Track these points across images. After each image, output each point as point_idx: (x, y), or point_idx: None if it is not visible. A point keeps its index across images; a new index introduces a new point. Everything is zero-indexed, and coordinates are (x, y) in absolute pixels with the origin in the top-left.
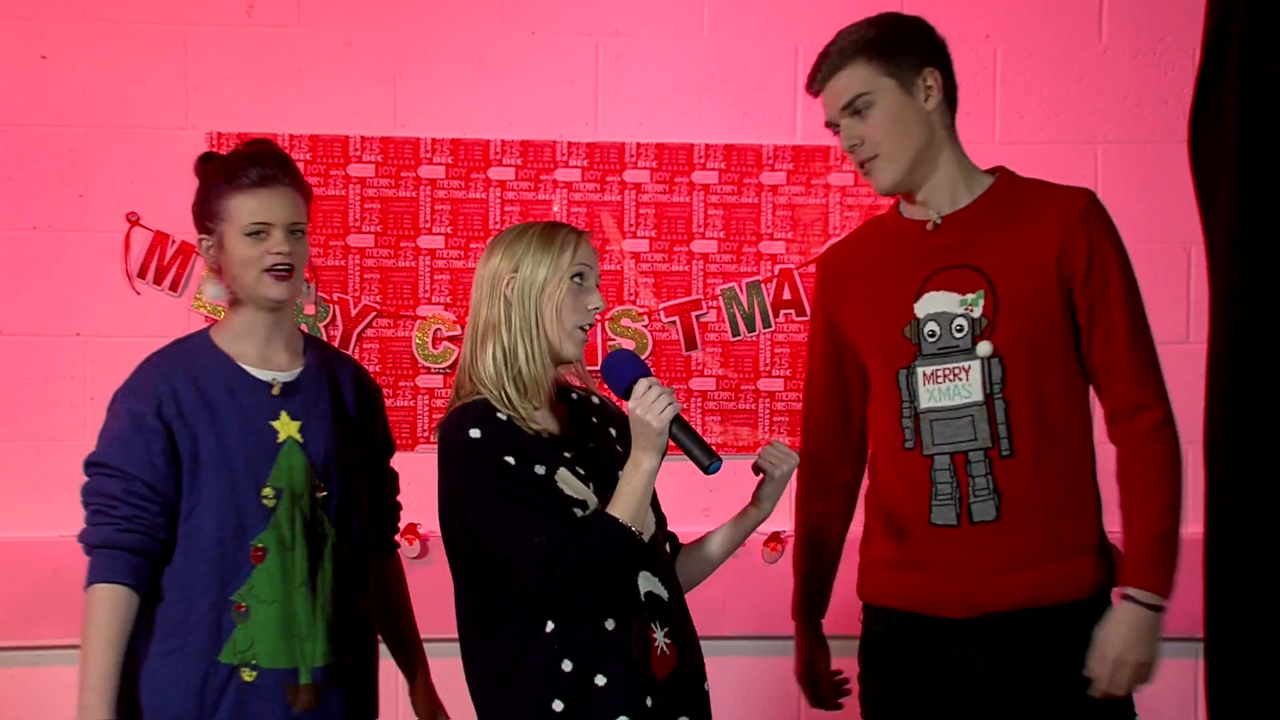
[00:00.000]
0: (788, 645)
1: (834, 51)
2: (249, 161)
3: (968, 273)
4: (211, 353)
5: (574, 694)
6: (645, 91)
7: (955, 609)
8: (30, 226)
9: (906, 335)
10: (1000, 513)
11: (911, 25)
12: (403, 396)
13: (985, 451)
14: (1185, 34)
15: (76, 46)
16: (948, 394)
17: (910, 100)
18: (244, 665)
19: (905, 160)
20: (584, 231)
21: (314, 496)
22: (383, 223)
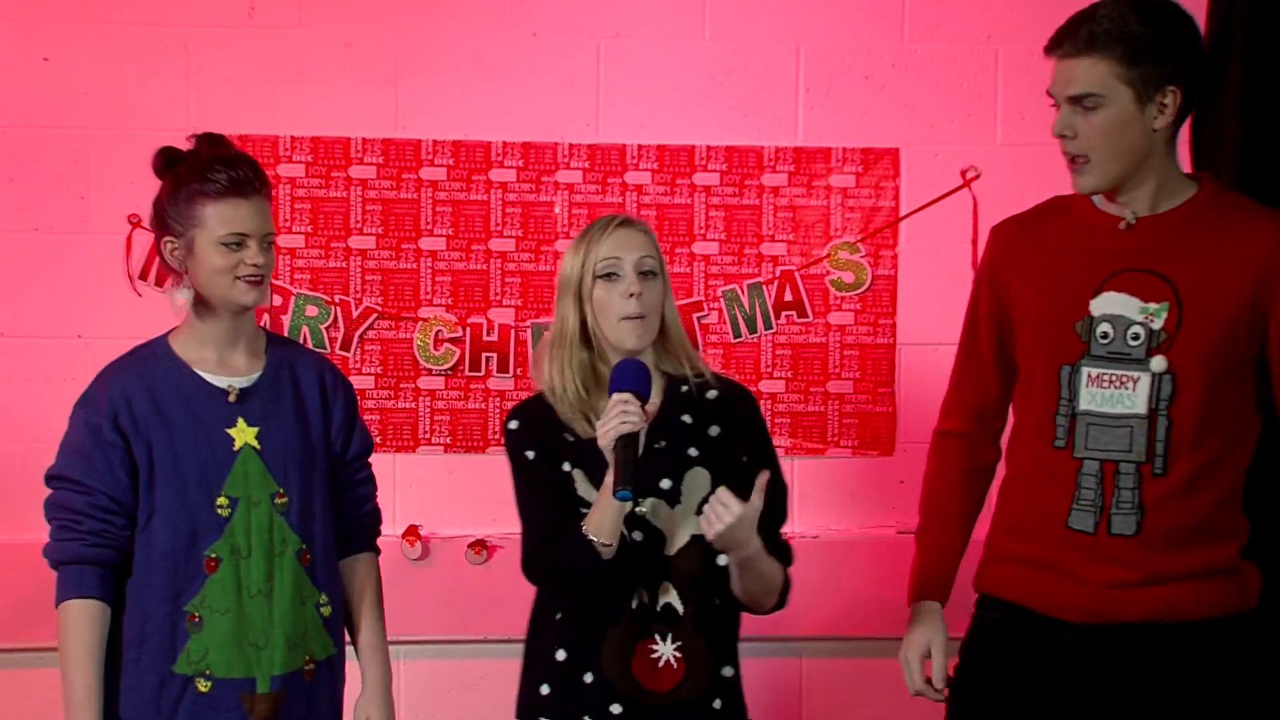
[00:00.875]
0: (789, 647)
1: (1085, 31)
2: (223, 166)
3: (1154, 280)
4: (168, 360)
5: (561, 683)
6: (646, 93)
7: (1076, 614)
8: (32, 228)
9: (1077, 331)
10: (1140, 529)
11: (1177, 30)
12: (404, 399)
13: (1138, 465)
14: None
15: (78, 48)
16: (1111, 400)
17: (1140, 115)
18: (199, 676)
19: (1114, 173)
20: (614, 219)
21: (273, 503)
22: (384, 224)
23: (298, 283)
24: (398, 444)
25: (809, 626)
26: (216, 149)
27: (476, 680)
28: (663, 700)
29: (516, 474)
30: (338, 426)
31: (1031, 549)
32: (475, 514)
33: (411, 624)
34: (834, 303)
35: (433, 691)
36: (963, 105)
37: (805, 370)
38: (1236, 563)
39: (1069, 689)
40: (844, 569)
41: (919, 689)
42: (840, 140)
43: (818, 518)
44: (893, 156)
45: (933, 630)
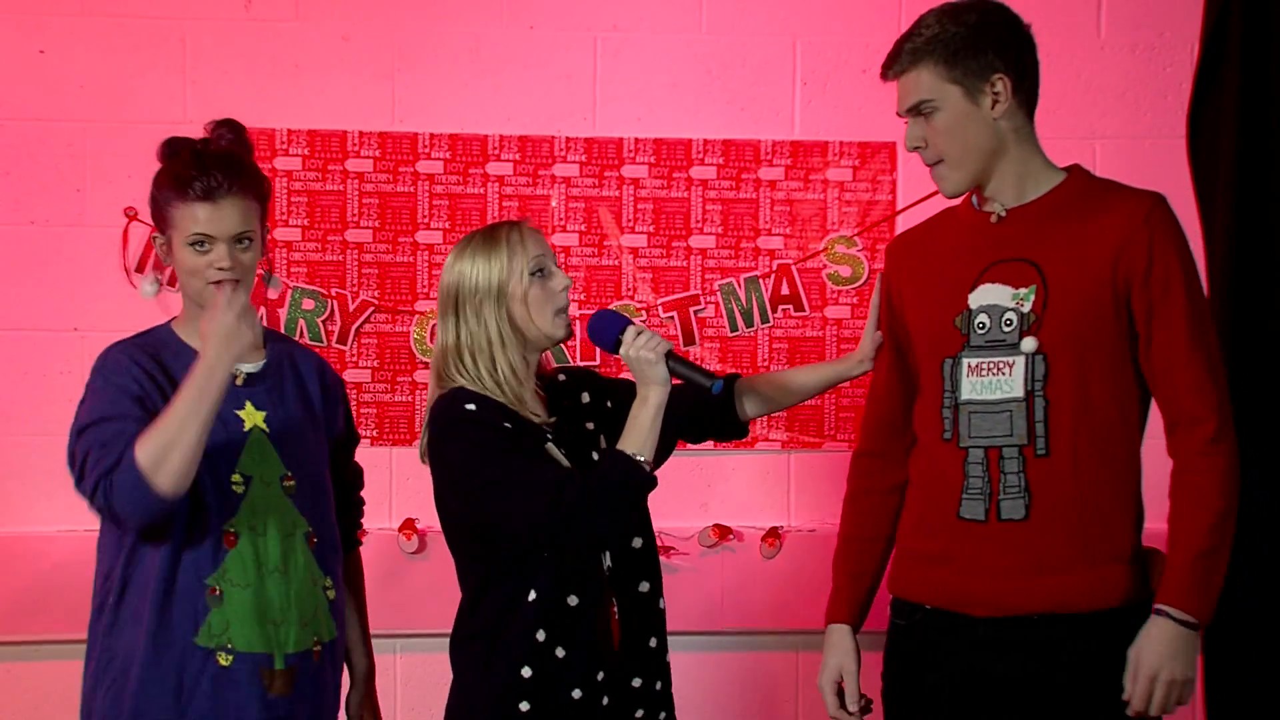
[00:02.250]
0: (785, 640)
1: (906, 48)
2: (197, 170)
3: (1023, 266)
4: (175, 343)
5: (541, 663)
6: (643, 87)
7: (980, 607)
8: (28, 221)
9: (957, 325)
10: (1029, 513)
11: (991, 21)
12: (400, 392)
13: (1020, 449)
14: (1184, 29)
15: (74, 41)
16: (990, 387)
17: (975, 109)
18: (220, 649)
19: (969, 169)
20: (521, 222)
21: (282, 485)
22: (381, 218)
23: (294, 276)
24: (394, 437)
25: (805, 620)
26: (209, 146)
27: None
28: (617, 657)
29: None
30: (340, 423)
31: (931, 545)
32: None
33: (408, 617)
34: (831, 296)
35: (429, 684)
36: None
37: (802, 364)
38: (1135, 550)
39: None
40: None
41: (835, 715)
42: (837, 134)
43: (814, 511)
44: (889, 150)
45: (842, 654)
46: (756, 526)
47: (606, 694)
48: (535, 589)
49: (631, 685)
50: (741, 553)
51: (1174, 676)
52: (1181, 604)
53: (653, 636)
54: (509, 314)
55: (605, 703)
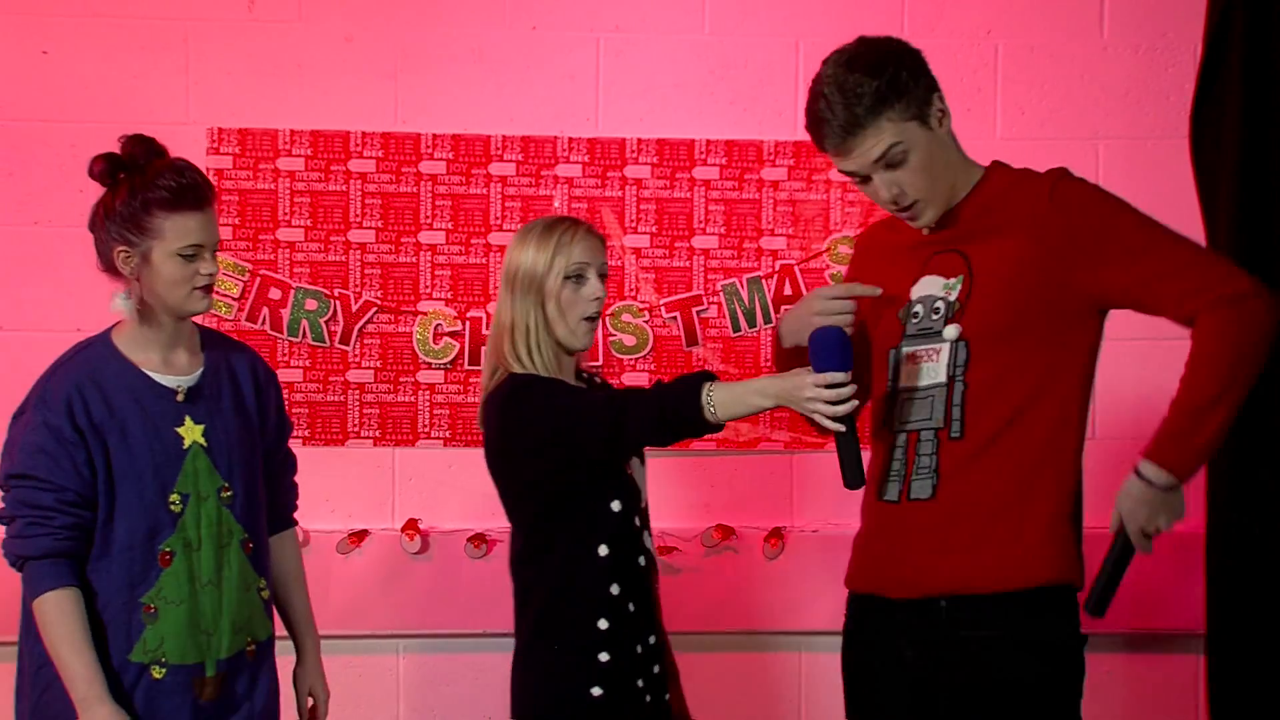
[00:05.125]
0: (788, 640)
1: (856, 110)
2: (177, 177)
3: (954, 257)
4: (116, 360)
5: (617, 615)
6: (646, 87)
7: (896, 589)
8: (31, 222)
9: (900, 317)
10: (935, 493)
11: (900, 54)
12: (403, 392)
13: (936, 431)
14: (1186, 29)
15: (77, 42)
16: (919, 375)
17: (933, 134)
18: (154, 663)
19: (944, 193)
20: (581, 224)
21: (219, 497)
22: (384, 218)
23: (297, 276)
24: (397, 438)
25: (810, 620)
26: (159, 155)
27: (475, 674)
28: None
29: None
30: (273, 419)
31: (863, 529)
32: (474, 508)
33: (411, 618)
34: None
35: (431, 685)
36: (962, 100)
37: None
38: (1049, 536)
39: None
40: (843, 564)
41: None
42: None
43: (818, 512)
44: None
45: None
46: (759, 527)
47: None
48: (607, 545)
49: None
50: (744, 553)
51: (1141, 526)
52: (1156, 458)
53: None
54: (543, 308)
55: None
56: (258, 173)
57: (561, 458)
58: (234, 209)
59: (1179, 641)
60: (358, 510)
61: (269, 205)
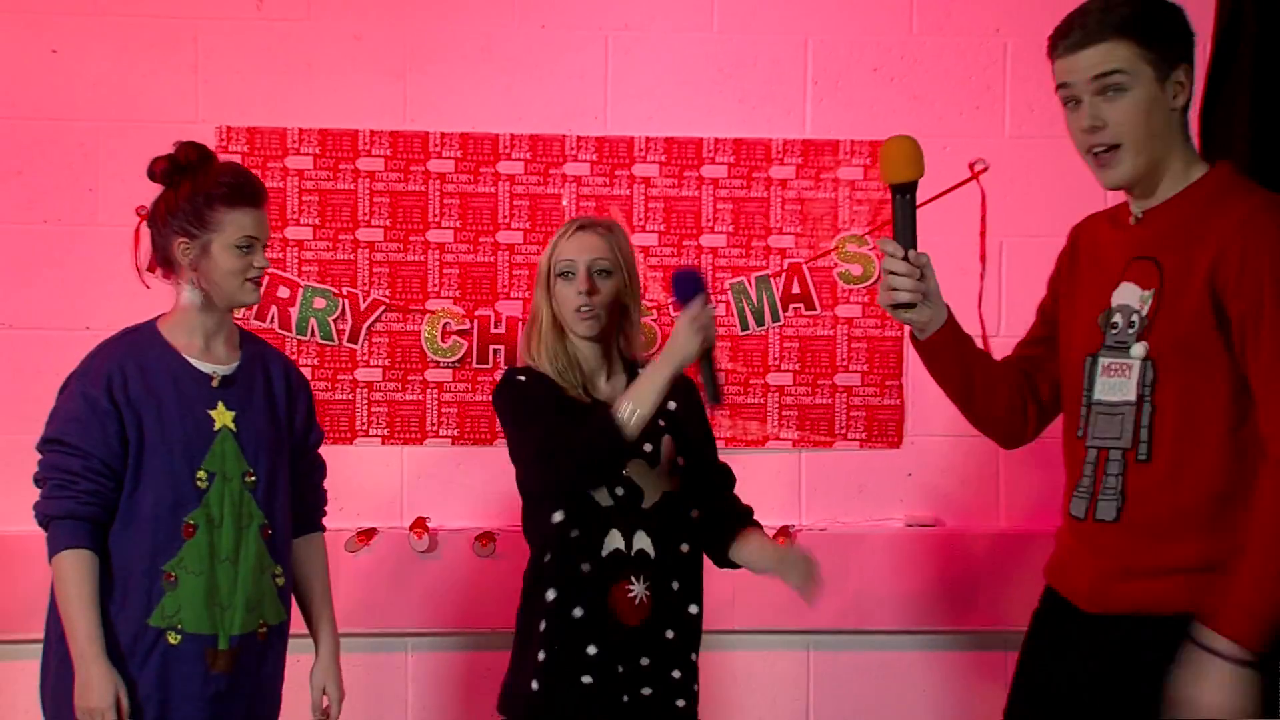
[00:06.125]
0: (797, 639)
1: (1097, 18)
2: (236, 176)
3: (1150, 267)
4: (159, 344)
5: (558, 618)
6: (654, 85)
7: (1083, 601)
8: (40, 220)
9: (1099, 323)
10: (1120, 516)
11: (1175, 12)
12: (411, 391)
13: (1124, 452)
14: (1196, 28)
15: (86, 41)
16: (1113, 389)
17: (1162, 95)
18: (170, 629)
19: (1145, 158)
20: (575, 223)
21: (244, 480)
22: (392, 216)
23: (305, 275)
24: (405, 436)
25: (817, 619)
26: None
27: (483, 671)
28: (629, 633)
29: (527, 402)
30: (301, 420)
31: (1062, 535)
32: (482, 506)
33: (418, 616)
34: (842, 295)
35: (439, 683)
36: (971, 98)
37: (813, 363)
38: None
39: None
40: (852, 562)
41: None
42: (848, 133)
43: (825, 510)
44: None
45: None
46: (767, 525)
47: (620, 663)
48: (551, 553)
49: (640, 664)
50: None
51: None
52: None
53: (670, 629)
54: (550, 302)
55: (620, 670)
56: (266, 171)
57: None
58: None
59: None
60: (366, 509)
61: (277, 204)
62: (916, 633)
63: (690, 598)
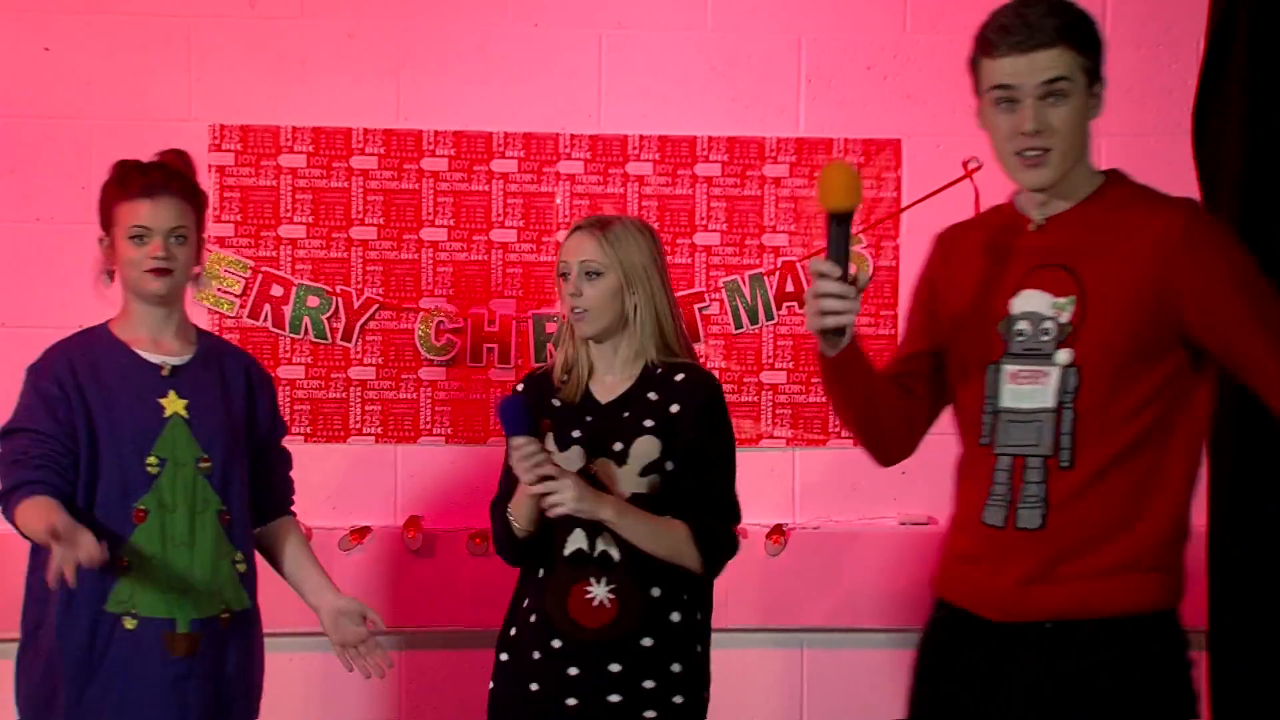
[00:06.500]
0: (790, 637)
1: (1043, 23)
2: (138, 173)
3: (1062, 274)
4: (108, 339)
5: (520, 624)
6: (648, 84)
7: (994, 611)
8: (34, 218)
9: (999, 331)
10: (1045, 523)
11: (1095, 26)
12: (405, 389)
13: (1044, 460)
14: (1189, 26)
15: (80, 38)
16: (1025, 396)
17: (1085, 105)
18: (126, 614)
19: (1068, 164)
20: (578, 224)
21: (197, 466)
22: (385, 215)
23: (299, 273)
24: (399, 435)
25: (810, 617)
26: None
27: (478, 671)
28: (594, 636)
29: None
30: (264, 415)
31: (961, 544)
32: (476, 505)
33: (413, 615)
34: None
35: (434, 682)
36: (964, 96)
37: (807, 361)
38: (1159, 563)
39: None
40: (845, 560)
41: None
42: (842, 131)
43: (819, 509)
44: (894, 147)
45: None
46: (761, 524)
47: (576, 666)
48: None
49: (608, 670)
50: (746, 550)
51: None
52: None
53: (649, 637)
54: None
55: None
56: (260, 169)
57: None
58: (236, 206)
59: None
60: (359, 507)
61: (271, 202)
62: (910, 631)
63: (674, 605)
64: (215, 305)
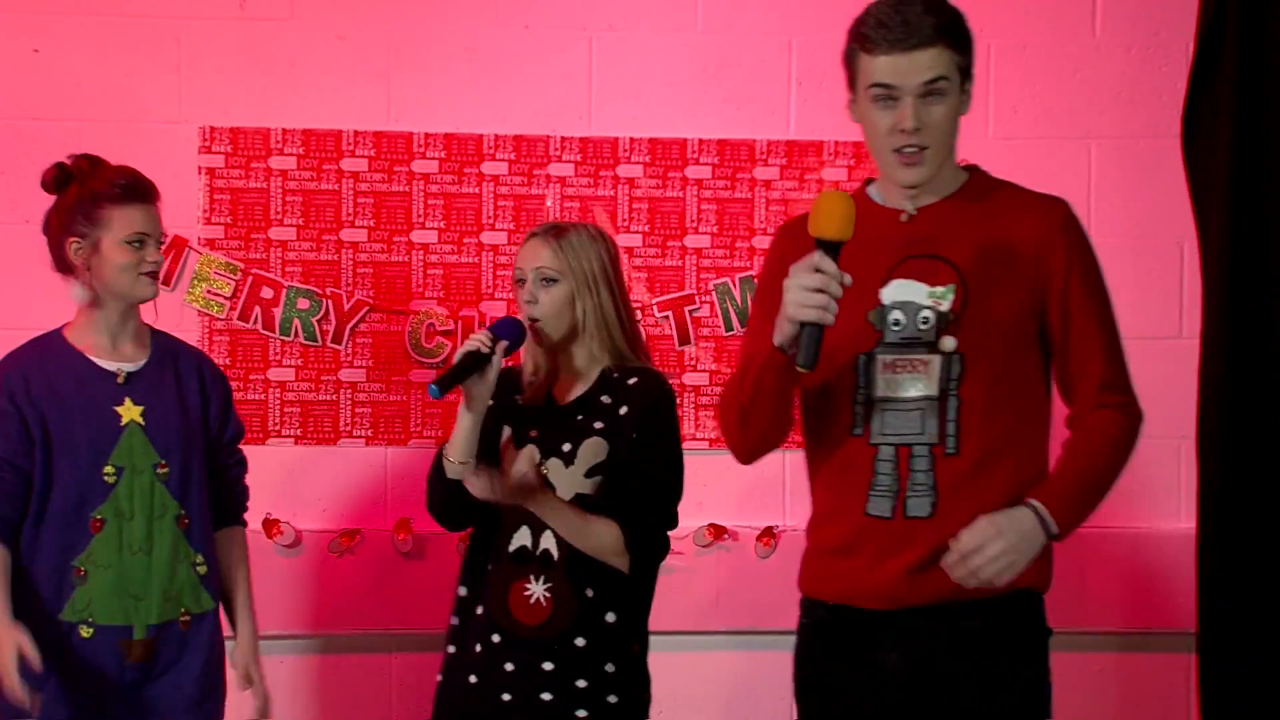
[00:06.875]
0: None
1: (922, 22)
2: (125, 176)
3: (939, 265)
4: (62, 347)
5: (464, 615)
6: (639, 86)
7: (880, 601)
8: (23, 220)
9: (870, 320)
10: (935, 510)
11: (967, 24)
12: (395, 391)
13: (930, 448)
14: (1179, 28)
15: (69, 40)
16: (904, 385)
17: (958, 103)
18: (82, 623)
19: (943, 160)
20: (533, 230)
21: (155, 472)
22: (376, 217)
23: (289, 275)
24: (389, 437)
25: None
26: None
27: None
28: (531, 633)
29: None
30: (216, 414)
31: (837, 539)
32: None
33: (404, 617)
34: None
35: (425, 684)
36: None
37: None
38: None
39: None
40: None
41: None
42: (832, 134)
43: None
44: None
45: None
46: (752, 526)
47: (511, 662)
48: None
49: (541, 668)
50: (736, 552)
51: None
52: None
53: (582, 637)
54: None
55: (509, 668)
56: (249, 171)
57: None
58: (226, 208)
59: (1170, 640)
60: (350, 510)
61: (261, 204)
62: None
63: (608, 606)
64: (205, 307)
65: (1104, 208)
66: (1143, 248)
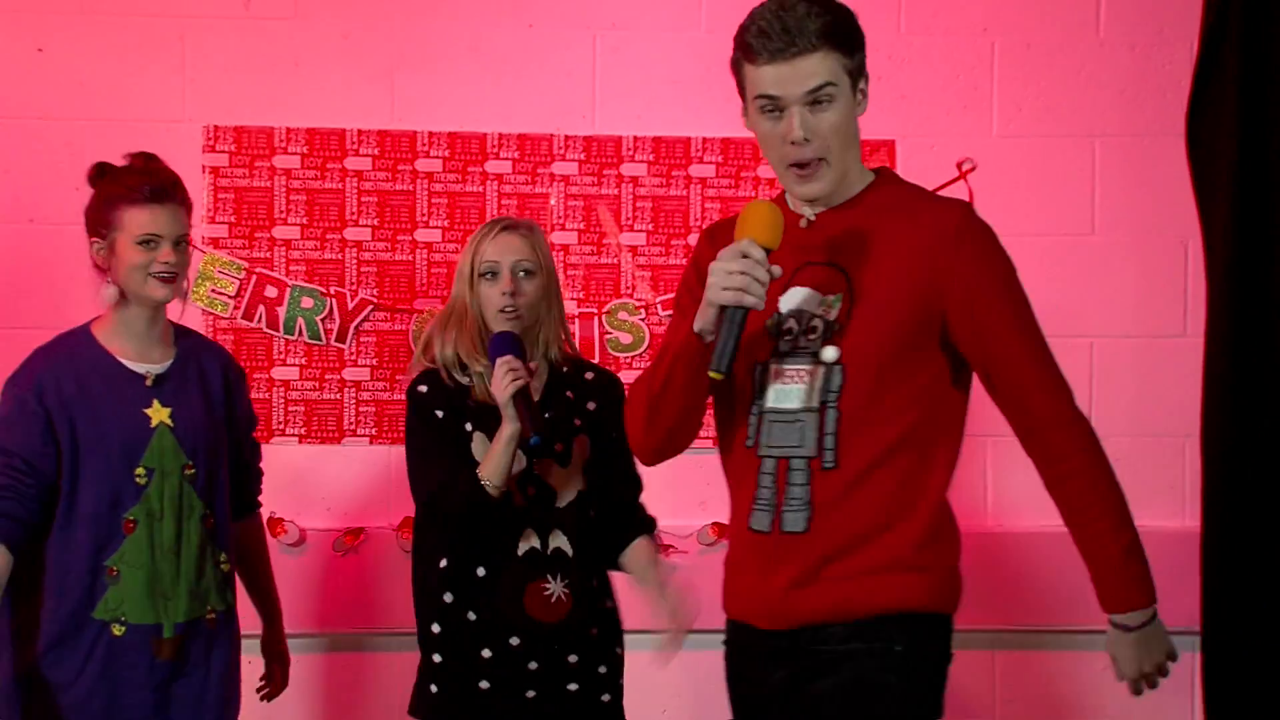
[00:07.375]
0: None
1: (804, 28)
2: (144, 177)
3: (832, 272)
4: (92, 348)
5: (451, 621)
6: (642, 85)
7: (765, 620)
8: (27, 219)
9: (768, 328)
10: (809, 526)
11: (856, 21)
12: (399, 390)
13: (808, 460)
14: (1183, 26)
15: (73, 39)
16: (789, 396)
17: (853, 104)
18: (114, 621)
19: (842, 169)
20: (498, 223)
21: (183, 474)
22: (380, 216)
23: (293, 274)
24: (392, 436)
25: None
26: (141, 163)
27: None
28: (553, 630)
29: (421, 427)
30: (242, 410)
31: (732, 554)
32: None
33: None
34: None
35: None
36: (959, 97)
37: None
38: (923, 560)
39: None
40: None
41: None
42: None
43: None
44: (889, 148)
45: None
46: None
47: (535, 660)
48: (447, 557)
49: (567, 660)
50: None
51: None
52: (1127, 607)
53: (595, 626)
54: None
55: (533, 667)
56: (254, 170)
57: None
58: (230, 207)
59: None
60: (354, 509)
61: (265, 203)
62: None
63: (606, 593)
64: (210, 306)
65: (1108, 206)
66: (1147, 246)
